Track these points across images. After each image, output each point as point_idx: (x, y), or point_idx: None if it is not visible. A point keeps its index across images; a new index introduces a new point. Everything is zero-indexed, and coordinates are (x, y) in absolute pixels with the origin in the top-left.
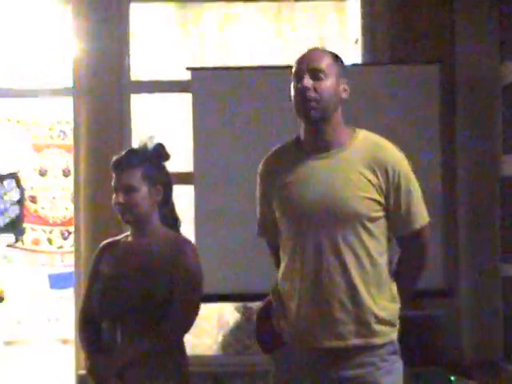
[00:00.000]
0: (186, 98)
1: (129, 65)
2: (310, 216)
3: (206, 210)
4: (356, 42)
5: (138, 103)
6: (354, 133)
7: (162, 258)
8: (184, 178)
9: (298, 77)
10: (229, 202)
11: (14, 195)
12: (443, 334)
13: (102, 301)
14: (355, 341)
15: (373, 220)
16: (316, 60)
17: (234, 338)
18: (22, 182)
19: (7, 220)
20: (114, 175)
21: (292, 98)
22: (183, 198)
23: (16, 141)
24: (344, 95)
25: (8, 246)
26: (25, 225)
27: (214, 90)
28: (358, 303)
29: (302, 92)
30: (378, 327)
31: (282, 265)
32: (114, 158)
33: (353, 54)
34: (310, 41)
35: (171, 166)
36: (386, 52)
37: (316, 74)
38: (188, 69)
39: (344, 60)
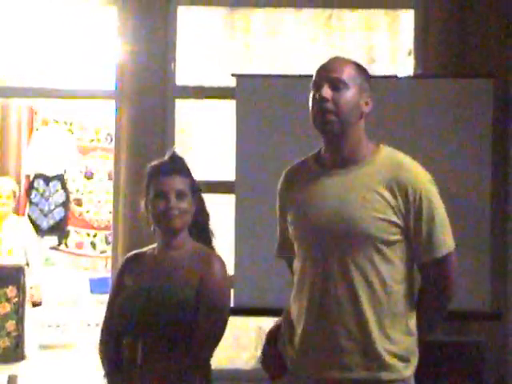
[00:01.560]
0: (232, 105)
1: (174, 69)
2: (320, 236)
3: (246, 221)
4: (409, 53)
5: (183, 108)
6: (376, 149)
7: (188, 273)
8: (226, 187)
9: (317, 86)
10: (270, 212)
11: (59, 197)
12: (487, 361)
13: (123, 315)
14: (361, 374)
15: (389, 244)
16: (337, 70)
17: None
18: (68, 185)
19: (51, 222)
20: (155, 180)
21: (310, 108)
22: (224, 208)
23: (62, 143)
24: (366, 109)
25: (51, 248)
26: (69, 228)
27: (259, 97)
28: (366, 333)
29: (319, 103)
30: (387, 361)
31: (294, 286)
32: (158, 162)
33: (404, 66)
34: (360, 50)
35: (214, 175)
36: (438, 65)
37: (336, 85)
38: (233, 75)
39: (397, 71)
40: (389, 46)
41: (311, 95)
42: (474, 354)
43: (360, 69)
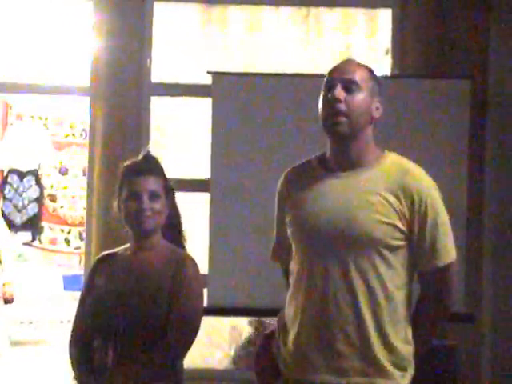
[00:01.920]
0: (209, 103)
1: (150, 66)
2: (320, 236)
3: (221, 219)
4: (387, 52)
5: (158, 106)
6: (382, 154)
7: (160, 275)
8: (200, 185)
9: (329, 86)
10: (245, 211)
11: (33, 193)
12: (461, 364)
13: (93, 317)
14: (357, 379)
15: (391, 248)
16: (351, 71)
17: (246, 353)
18: (42, 180)
19: (25, 218)
20: (128, 180)
21: (319, 109)
22: (198, 206)
23: (37, 138)
24: (376, 114)
25: (24, 244)
26: (43, 223)
27: (235, 95)
28: (365, 338)
29: (331, 103)
30: (385, 367)
31: (290, 288)
32: (131, 162)
33: (382, 65)
34: (338, 49)
35: (189, 173)
36: (416, 64)
37: (349, 86)
38: (209, 73)
39: (374, 70)
40: (366, 45)
41: (322, 95)
42: (448, 358)
43: (372, 73)
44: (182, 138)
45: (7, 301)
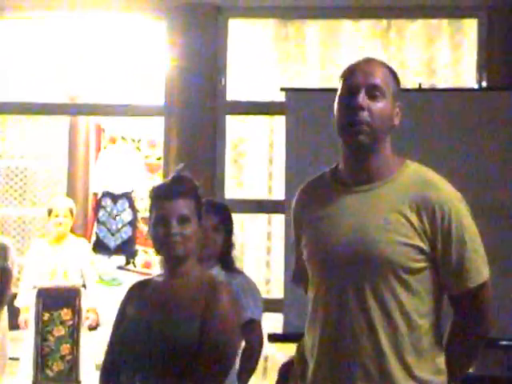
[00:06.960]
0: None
1: (225, 84)
2: (335, 260)
3: None
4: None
5: (233, 124)
6: (402, 165)
7: (192, 302)
8: (276, 206)
9: (351, 91)
10: None
11: (127, 216)
12: None
13: (122, 349)
14: None
15: (412, 272)
16: (374, 75)
17: None
18: (136, 203)
19: (119, 241)
20: (156, 204)
21: (336, 114)
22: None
23: (130, 161)
24: (396, 121)
25: (118, 267)
26: (137, 247)
27: (311, 112)
28: (386, 372)
29: (353, 111)
30: None
31: (308, 316)
32: (159, 185)
33: (467, 78)
34: (420, 62)
35: (265, 193)
36: (503, 77)
37: (372, 92)
38: (282, 89)
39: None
40: (450, 57)
41: (339, 100)
42: None
43: (394, 74)
44: (260, 158)
45: (91, 328)
